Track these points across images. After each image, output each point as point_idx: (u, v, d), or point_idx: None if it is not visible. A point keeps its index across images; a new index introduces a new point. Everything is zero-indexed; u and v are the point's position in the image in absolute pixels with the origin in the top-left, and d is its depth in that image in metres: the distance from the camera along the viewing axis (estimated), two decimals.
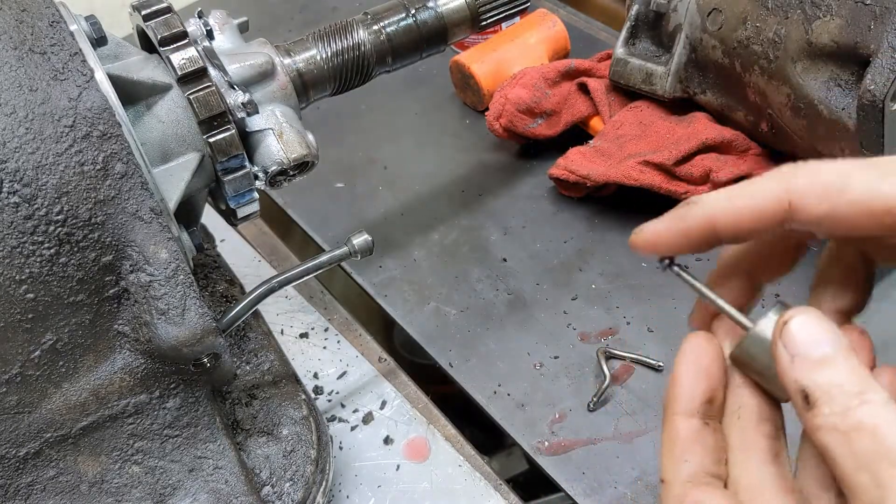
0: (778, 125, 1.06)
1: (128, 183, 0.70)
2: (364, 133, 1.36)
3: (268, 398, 0.92)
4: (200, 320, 0.72)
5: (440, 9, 0.94)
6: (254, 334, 0.98)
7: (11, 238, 0.66)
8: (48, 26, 0.69)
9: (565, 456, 0.98)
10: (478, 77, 1.31)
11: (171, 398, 0.79)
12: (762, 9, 1.03)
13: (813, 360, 0.56)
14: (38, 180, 0.66)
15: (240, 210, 0.85)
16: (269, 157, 0.82)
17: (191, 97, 0.77)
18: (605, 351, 1.05)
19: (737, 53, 1.07)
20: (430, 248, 1.20)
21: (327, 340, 1.13)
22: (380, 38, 0.92)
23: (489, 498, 0.98)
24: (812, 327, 0.57)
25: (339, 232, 1.23)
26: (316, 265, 0.88)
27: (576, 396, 1.02)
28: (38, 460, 0.77)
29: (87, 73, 0.69)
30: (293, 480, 0.87)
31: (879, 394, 0.53)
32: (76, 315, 0.71)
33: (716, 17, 1.09)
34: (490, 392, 1.04)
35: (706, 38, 1.10)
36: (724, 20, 1.08)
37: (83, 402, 0.76)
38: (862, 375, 0.54)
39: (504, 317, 1.11)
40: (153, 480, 0.81)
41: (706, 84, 1.16)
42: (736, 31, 1.06)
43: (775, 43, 1.01)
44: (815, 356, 0.56)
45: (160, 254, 0.71)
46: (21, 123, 0.66)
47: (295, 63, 0.88)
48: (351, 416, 1.05)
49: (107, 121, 0.69)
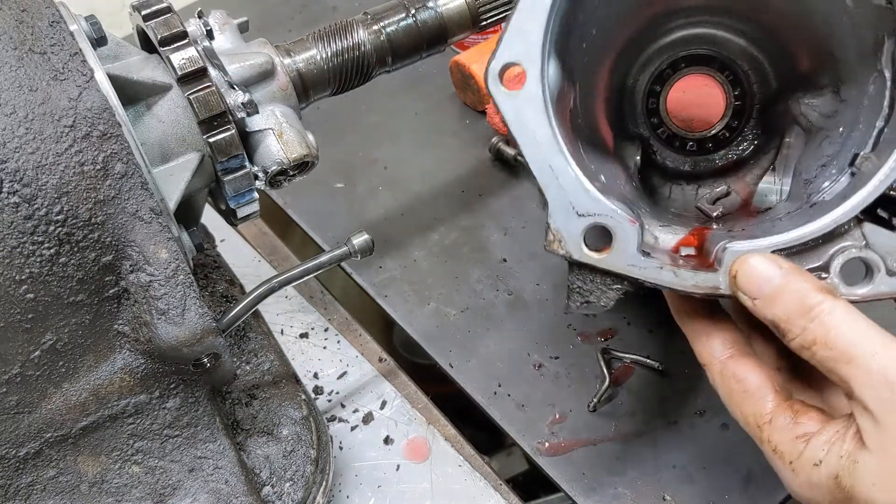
0: None
1: (128, 183, 0.70)
2: (364, 133, 1.36)
3: (268, 398, 0.92)
4: (200, 320, 0.72)
5: (440, 9, 0.94)
6: (254, 334, 0.98)
7: (11, 238, 0.66)
8: (48, 26, 0.69)
9: (565, 456, 0.98)
10: (478, 77, 1.31)
11: (171, 398, 0.79)
12: None
13: (768, 298, 0.68)
14: (38, 180, 0.66)
15: (240, 210, 0.85)
16: (269, 157, 0.82)
17: (191, 97, 0.77)
18: (605, 351, 1.05)
19: None
20: (430, 248, 1.20)
21: (327, 340, 1.13)
22: (380, 38, 0.92)
23: (489, 498, 0.97)
24: (755, 269, 0.69)
25: (339, 232, 1.23)
26: (316, 265, 0.88)
27: (576, 397, 1.02)
28: (38, 460, 0.77)
29: (87, 73, 0.69)
30: (293, 480, 0.87)
31: (825, 303, 0.65)
32: (76, 315, 0.71)
33: None
34: (490, 392, 1.04)
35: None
36: None
37: (83, 402, 0.76)
38: (807, 292, 0.66)
39: (504, 317, 1.11)
40: (153, 480, 0.81)
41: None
42: None
43: None
44: (767, 293, 0.68)
45: (160, 254, 0.71)
46: (21, 123, 0.66)
47: (295, 63, 0.88)
48: (351, 416, 1.05)
49: (107, 121, 0.69)
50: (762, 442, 0.70)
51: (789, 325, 0.66)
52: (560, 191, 0.73)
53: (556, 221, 0.74)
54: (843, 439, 0.65)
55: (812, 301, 0.66)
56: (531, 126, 0.73)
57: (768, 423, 0.69)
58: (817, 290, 0.66)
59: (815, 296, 0.66)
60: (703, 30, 0.95)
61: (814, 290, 0.66)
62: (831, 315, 0.65)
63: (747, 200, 0.93)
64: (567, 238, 0.74)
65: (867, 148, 0.76)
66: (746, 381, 0.71)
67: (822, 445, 0.66)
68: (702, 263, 0.74)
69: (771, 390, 0.71)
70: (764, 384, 0.71)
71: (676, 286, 0.73)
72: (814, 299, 0.66)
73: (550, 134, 0.73)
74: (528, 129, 0.73)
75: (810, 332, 0.65)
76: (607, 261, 0.74)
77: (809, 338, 0.65)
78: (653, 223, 0.80)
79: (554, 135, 0.73)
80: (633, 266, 0.73)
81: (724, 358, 0.73)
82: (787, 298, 0.67)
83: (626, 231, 0.73)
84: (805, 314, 0.65)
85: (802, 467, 0.66)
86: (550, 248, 0.74)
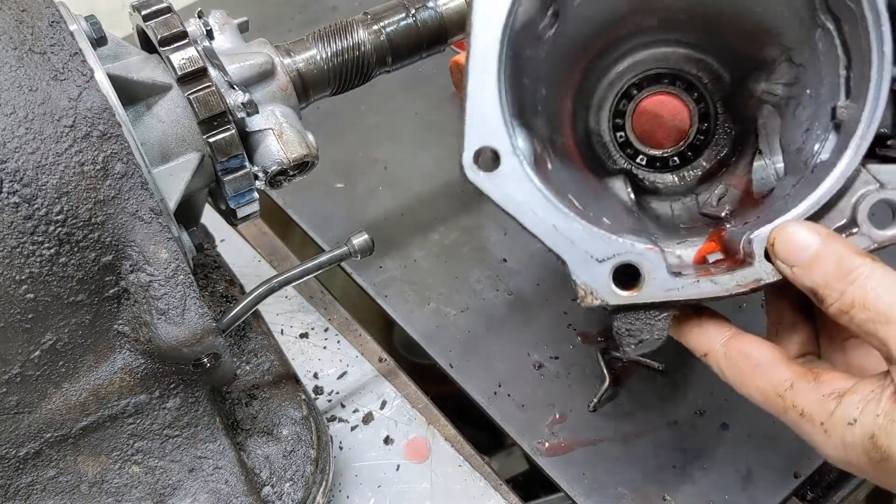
0: None
1: (128, 183, 0.70)
2: (364, 133, 1.36)
3: (268, 398, 0.92)
4: (200, 320, 0.72)
5: (440, 9, 0.94)
6: (254, 334, 0.98)
7: (11, 238, 0.66)
8: (48, 26, 0.69)
9: (565, 457, 0.98)
10: None
11: (171, 398, 0.79)
12: None
13: (806, 265, 0.68)
14: (38, 180, 0.66)
15: (240, 210, 0.85)
16: (269, 157, 0.82)
17: (191, 97, 0.77)
18: (605, 351, 1.05)
19: None
20: (430, 249, 1.20)
21: (327, 340, 1.13)
22: (380, 38, 0.91)
23: (489, 498, 0.98)
24: (793, 237, 0.70)
25: (339, 232, 1.23)
26: (316, 265, 0.88)
27: (576, 397, 1.02)
28: (38, 460, 0.77)
29: (87, 73, 0.69)
30: (293, 480, 0.87)
31: (863, 266, 0.66)
32: (76, 315, 0.71)
33: None
34: (490, 392, 1.04)
35: None
36: None
37: (83, 402, 0.76)
38: (844, 257, 0.67)
39: (504, 317, 1.11)
40: (153, 480, 0.81)
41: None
42: None
43: None
44: (805, 260, 0.68)
45: (160, 254, 0.71)
46: (21, 123, 0.66)
47: (295, 63, 0.88)
48: (351, 416, 1.05)
49: (107, 121, 0.69)
50: (785, 410, 0.69)
51: (828, 290, 0.66)
52: (572, 246, 0.73)
53: (580, 275, 0.74)
54: (879, 398, 0.64)
55: (850, 265, 0.66)
56: (521, 198, 0.73)
57: (790, 389, 0.68)
58: (855, 254, 0.66)
59: (853, 259, 0.66)
60: (642, 53, 0.96)
61: (852, 254, 0.66)
62: (870, 277, 0.65)
63: (747, 189, 0.93)
64: (597, 287, 0.74)
65: (840, 98, 0.76)
66: (755, 355, 0.71)
67: (857, 404, 0.64)
68: (733, 263, 0.74)
69: (782, 360, 0.70)
70: (773, 355, 0.71)
71: (720, 293, 0.72)
72: (852, 262, 0.66)
73: (541, 198, 0.73)
74: (518, 201, 0.73)
75: (848, 296, 0.65)
76: (644, 294, 0.73)
77: (847, 300, 0.65)
78: (670, 244, 0.80)
79: (545, 198, 0.73)
80: (671, 290, 0.73)
81: (724, 340, 0.73)
82: (825, 263, 0.67)
83: (650, 260, 0.73)
84: (843, 278, 0.65)
85: (835, 427, 0.65)
86: (585, 302, 0.74)
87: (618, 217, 0.87)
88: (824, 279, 0.66)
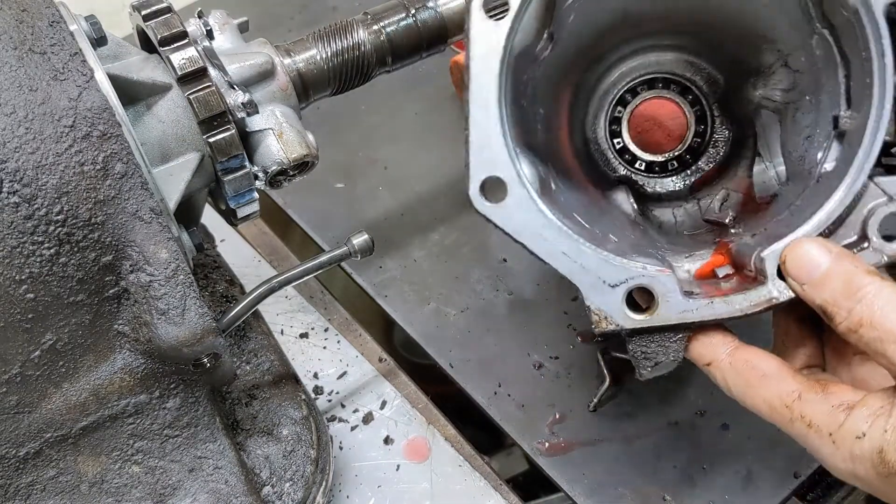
0: None
1: (128, 183, 0.70)
2: (364, 133, 1.36)
3: (268, 398, 0.92)
4: (200, 320, 0.72)
5: (440, 9, 0.94)
6: (254, 334, 0.98)
7: (11, 238, 0.66)
8: (48, 26, 0.69)
9: (565, 457, 0.98)
10: None
11: (171, 398, 0.79)
12: None
13: (816, 283, 0.69)
14: (38, 180, 0.66)
15: (240, 210, 0.85)
16: (269, 157, 0.82)
17: (191, 97, 0.77)
18: (605, 351, 1.04)
19: None
20: (430, 249, 1.20)
21: (327, 340, 1.13)
22: (380, 38, 0.91)
23: (489, 498, 0.98)
24: (806, 255, 0.70)
25: (339, 232, 1.22)
26: (316, 265, 0.88)
27: (576, 397, 1.02)
28: (38, 460, 0.77)
29: (87, 73, 0.69)
30: (293, 480, 0.87)
31: (871, 285, 0.66)
32: (76, 315, 0.71)
33: None
34: (490, 392, 1.04)
35: None
36: None
37: (83, 402, 0.76)
38: (854, 275, 0.67)
39: (504, 317, 1.11)
40: (153, 480, 0.81)
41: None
42: None
43: None
44: (816, 278, 0.69)
45: (160, 254, 0.71)
46: (21, 123, 0.66)
47: (295, 63, 0.88)
48: (351, 416, 1.05)
49: (107, 121, 0.69)
50: (792, 421, 0.69)
51: (836, 308, 0.66)
52: (584, 272, 0.73)
53: (593, 300, 0.74)
54: (888, 414, 0.64)
55: (859, 283, 0.66)
56: (531, 227, 0.73)
57: (798, 399, 0.68)
58: (864, 273, 0.66)
59: (863, 278, 0.66)
60: (635, 61, 0.96)
61: (860, 273, 0.66)
62: (877, 296, 0.65)
63: (749, 193, 0.93)
64: (610, 312, 0.73)
65: (842, 106, 0.76)
66: (762, 366, 0.71)
67: (866, 418, 0.65)
68: (743, 279, 0.74)
69: (789, 371, 0.70)
70: (779, 366, 0.71)
71: (734, 313, 0.73)
72: (861, 281, 0.66)
73: (551, 225, 0.73)
74: (529, 230, 0.73)
75: (857, 314, 0.65)
76: (659, 317, 0.73)
77: (856, 319, 0.65)
78: (678, 258, 0.80)
79: (555, 225, 0.73)
80: (685, 312, 0.73)
81: (729, 350, 0.73)
82: (834, 282, 0.67)
83: (662, 282, 0.73)
84: (851, 296, 0.66)
85: (843, 439, 0.65)
86: (600, 328, 0.74)
87: (623, 232, 0.87)
88: (833, 297, 0.67)
